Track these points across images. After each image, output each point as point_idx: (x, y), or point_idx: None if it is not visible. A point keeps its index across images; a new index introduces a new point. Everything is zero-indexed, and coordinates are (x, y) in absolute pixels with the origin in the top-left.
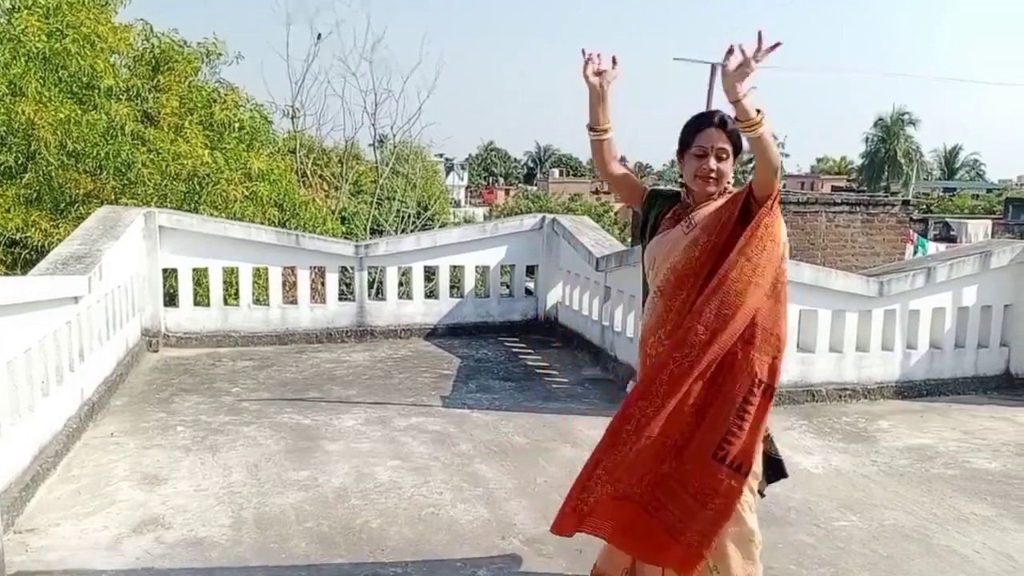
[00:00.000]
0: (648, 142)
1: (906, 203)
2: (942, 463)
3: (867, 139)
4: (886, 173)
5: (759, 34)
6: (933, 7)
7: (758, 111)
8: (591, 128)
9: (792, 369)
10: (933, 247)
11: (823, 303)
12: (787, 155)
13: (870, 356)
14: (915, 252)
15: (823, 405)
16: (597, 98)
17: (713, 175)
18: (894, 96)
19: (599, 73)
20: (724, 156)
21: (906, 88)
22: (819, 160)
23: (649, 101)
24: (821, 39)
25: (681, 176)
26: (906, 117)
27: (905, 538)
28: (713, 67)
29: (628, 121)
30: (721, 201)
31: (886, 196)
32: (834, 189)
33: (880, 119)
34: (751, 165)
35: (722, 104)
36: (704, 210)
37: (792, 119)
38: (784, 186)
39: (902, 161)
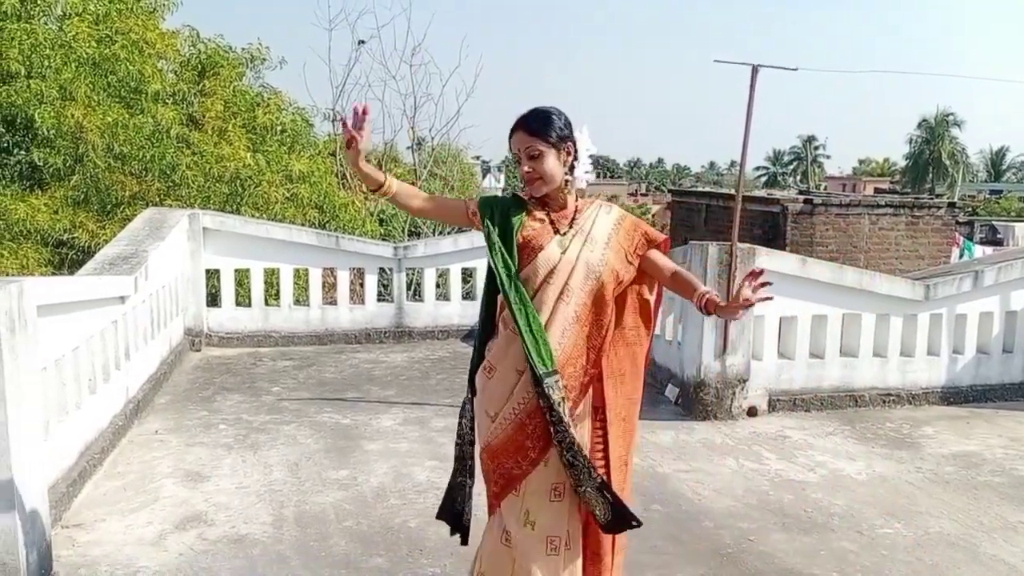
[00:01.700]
0: (687, 144)
1: (952, 205)
2: (989, 470)
3: (911, 140)
4: (930, 175)
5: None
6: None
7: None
8: (377, 192)
9: (834, 374)
10: (979, 250)
11: (867, 307)
12: (828, 156)
13: (915, 361)
14: (961, 255)
15: (866, 411)
16: (360, 159)
17: (533, 175)
18: (939, 96)
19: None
20: (536, 154)
21: (951, 88)
22: (861, 162)
23: (689, 103)
24: (865, 39)
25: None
26: (951, 118)
27: (951, 546)
28: (754, 68)
29: (669, 122)
30: (606, 219)
31: (931, 198)
32: (877, 191)
33: (924, 120)
34: (791, 166)
35: (763, 106)
36: (592, 224)
37: (834, 120)
38: (825, 187)
39: (947, 163)
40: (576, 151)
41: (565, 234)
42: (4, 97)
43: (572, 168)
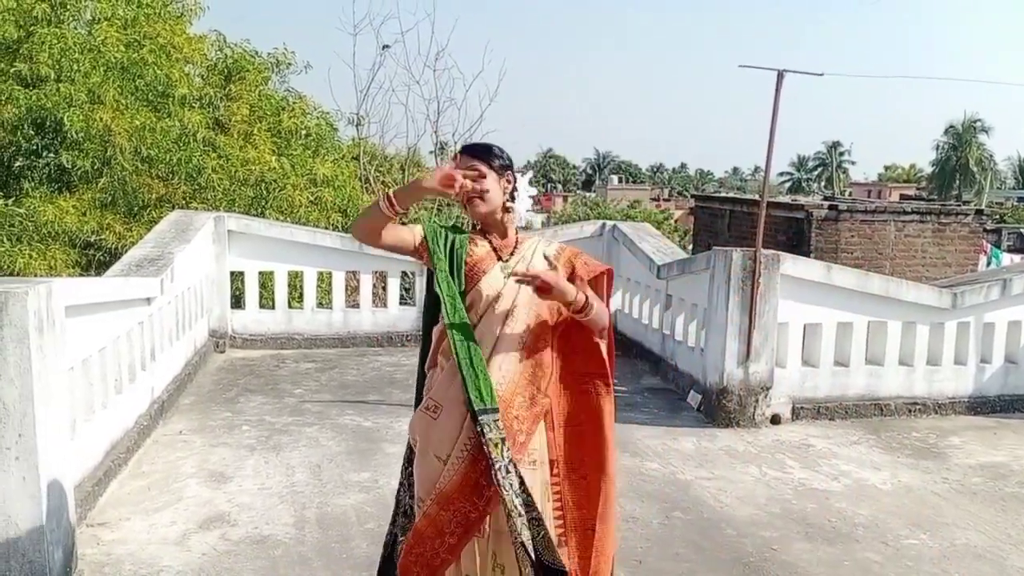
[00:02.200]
0: (711, 150)
1: (979, 212)
2: (1016, 481)
3: (937, 146)
4: (957, 182)
5: None
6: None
7: (586, 298)
8: (395, 209)
9: (859, 382)
10: (1007, 258)
11: (893, 314)
12: (853, 162)
13: (942, 370)
14: (988, 263)
15: (892, 420)
16: (423, 195)
17: (473, 193)
18: (966, 102)
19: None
20: (476, 175)
21: (979, 94)
22: (887, 168)
23: (713, 109)
24: (891, 45)
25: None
26: (978, 124)
27: (978, 558)
28: (779, 74)
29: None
30: (547, 249)
31: (958, 205)
32: (903, 198)
33: (951, 126)
34: (816, 172)
35: (788, 111)
36: (533, 254)
37: (860, 126)
38: (850, 193)
39: (974, 169)
40: (515, 184)
41: (507, 261)
42: (34, 100)
43: (512, 198)
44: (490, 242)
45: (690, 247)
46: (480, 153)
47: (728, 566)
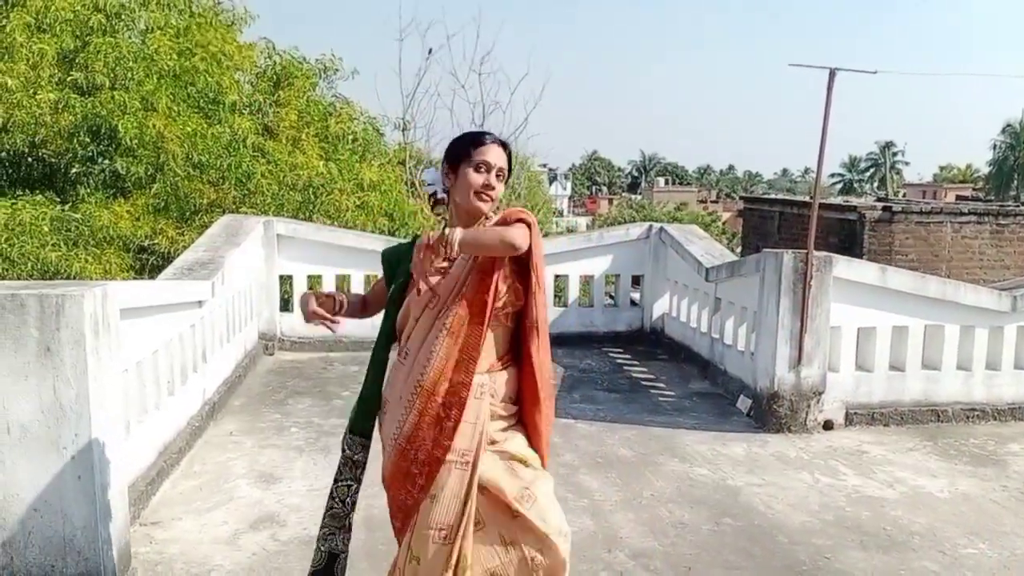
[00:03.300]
0: (759, 151)
1: None
2: None
3: (995, 146)
4: (1016, 182)
5: None
6: None
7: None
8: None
9: (915, 387)
10: None
11: (950, 318)
12: (907, 163)
13: (1001, 375)
14: None
15: (949, 426)
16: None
17: (493, 193)
18: None
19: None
20: (501, 176)
21: None
22: (942, 168)
23: (762, 109)
24: (947, 42)
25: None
26: None
27: None
28: (831, 72)
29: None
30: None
31: (1017, 206)
32: (959, 199)
33: (1008, 125)
34: (868, 173)
35: (839, 111)
36: None
37: (914, 125)
38: (904, 195)
39: None
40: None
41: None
42: (90, 108)
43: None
44: (436, 222)
45: (739, 250)
46: (509, 155)
47: (780, 574)
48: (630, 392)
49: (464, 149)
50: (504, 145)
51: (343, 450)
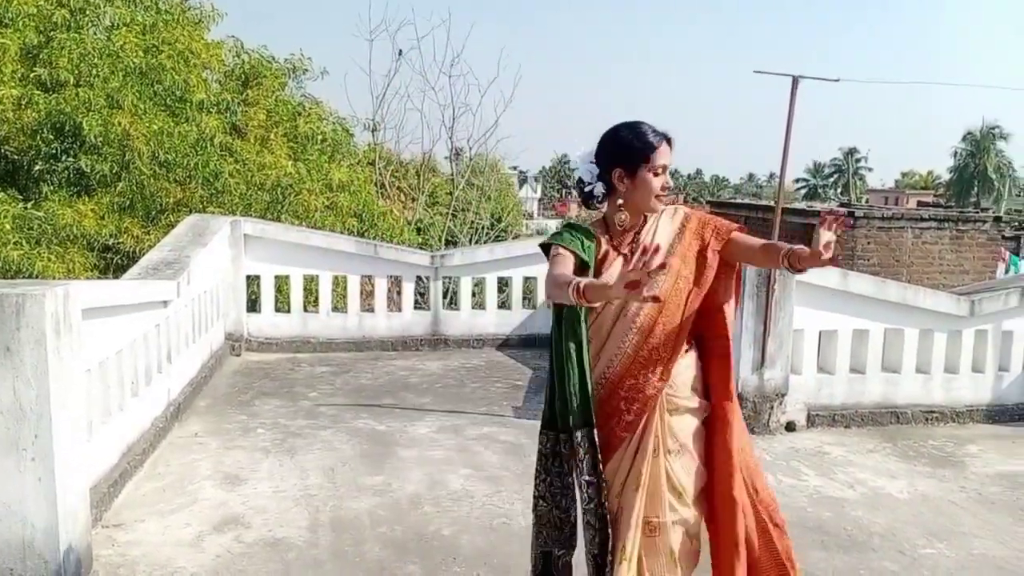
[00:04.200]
0: (726, 156)
1: (997, 219)
2: None
3: (955, 153)
4: (975, 189)
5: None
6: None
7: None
8: (583, 301)
9: (875, 390)
10: None
11: (910, 322)
12: (870, 169)
13: (959, 378)
14: (1007, 271)
15: (908, 428)
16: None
17: (668, 191)
18: (984, 109)
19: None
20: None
21: (997, 100)
22: (904, 175)
23: (728, 115)
24: (909, 51)
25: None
26: (997, 130)
27: (997, 569)
28: (794, 80)
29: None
30: (668, 226)
31: (976, 212)
32: (920, 205)
33: (969, 133)
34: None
35: (803, 118)
36: (653, 235)
37: (876, 133)
38: (867, 200)
39: (993, 176)
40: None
41: (626, 252)
42: (53, 105)
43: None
44: (610, 238)
45: None
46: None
47: None
48: None
49: (640, 154)
50: (670, 141)
51: (562, 449)
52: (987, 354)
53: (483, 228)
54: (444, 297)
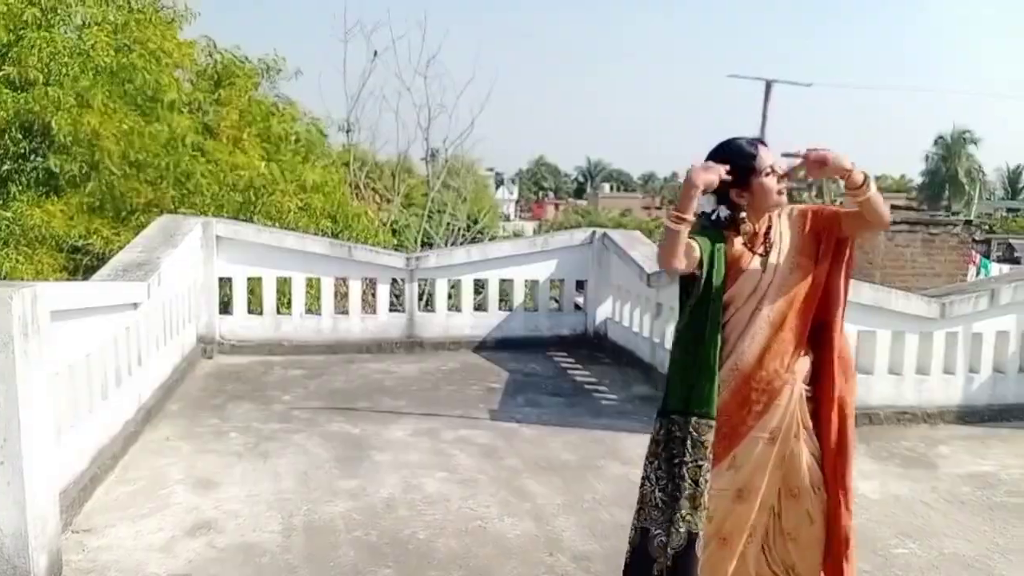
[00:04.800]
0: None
1: (968, 223)
2: (1005, 491)
3: (927, 157)
4: (947, 192)
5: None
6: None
7: (864, 175)
8: (680, 217)
9: None
10: (996, 268)
11: (882, 324)
12: None
13: (930, 379)
14: (978, 273)
15: (881, 428)
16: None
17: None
18: (955, 113)
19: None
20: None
21: (968, 105)
22: (877, 178)
23: (703, 119)
24: (880, 55)
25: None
26: (968, 135)
27: (966, 568)
28: (768, 84)
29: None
30: (788, 225)
31: (947, 216)
32: (892, 208)
33: (940, 137)
34: (806, 182)
35: (777, 121)
36: (785, 236)
37: (849, 136)
38: (840, 203)
39: (964, 180)
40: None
41: (761, 251)
42: (22, 104)
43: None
44: (743, 237)
45: None
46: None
47: None
48: (573, 396)
49: (746, 164)
50: (762, 142)
51: (690, 434)
52: (958, 356)
53: (459, 230)
54: (420, 299)
